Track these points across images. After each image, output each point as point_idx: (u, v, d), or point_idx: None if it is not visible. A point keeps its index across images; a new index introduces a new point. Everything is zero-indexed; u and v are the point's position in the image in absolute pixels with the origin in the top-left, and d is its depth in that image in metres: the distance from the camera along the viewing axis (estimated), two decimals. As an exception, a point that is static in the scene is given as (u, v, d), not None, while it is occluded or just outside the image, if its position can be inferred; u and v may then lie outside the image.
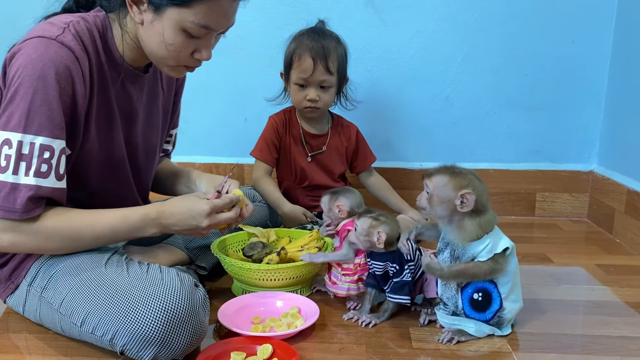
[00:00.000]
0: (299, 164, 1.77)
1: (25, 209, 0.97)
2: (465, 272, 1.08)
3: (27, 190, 0.96)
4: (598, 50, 1.95)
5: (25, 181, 0.96)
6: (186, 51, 1.07)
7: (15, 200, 0.96)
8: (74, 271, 1.05)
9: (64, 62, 0.99)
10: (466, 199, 1.05)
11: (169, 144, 1.44)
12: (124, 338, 0.95)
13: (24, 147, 0.96)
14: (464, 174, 1.08)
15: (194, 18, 1.02)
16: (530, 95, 2.00)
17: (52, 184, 0.99)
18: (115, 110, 1.13)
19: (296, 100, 1.71)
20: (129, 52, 1.12)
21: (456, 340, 1.11)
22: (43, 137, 0.97)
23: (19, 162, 0.96)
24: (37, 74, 0.97)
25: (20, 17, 1.16)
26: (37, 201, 0.98)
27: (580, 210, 2.06)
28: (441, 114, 2.03)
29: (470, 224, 1.07)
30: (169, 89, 1.31)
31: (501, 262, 1.08)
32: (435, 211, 1.08)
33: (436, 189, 1.07)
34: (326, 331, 1.16)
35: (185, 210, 1.08)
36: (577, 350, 1.09)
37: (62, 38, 1.00)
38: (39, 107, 0.97)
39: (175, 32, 1.04)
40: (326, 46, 1.65)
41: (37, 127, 0.97)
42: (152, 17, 1.04)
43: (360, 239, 1.17)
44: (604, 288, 1.41)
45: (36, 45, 0.98)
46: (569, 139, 2.03)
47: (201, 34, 1.05)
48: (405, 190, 2.01)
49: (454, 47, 1.98)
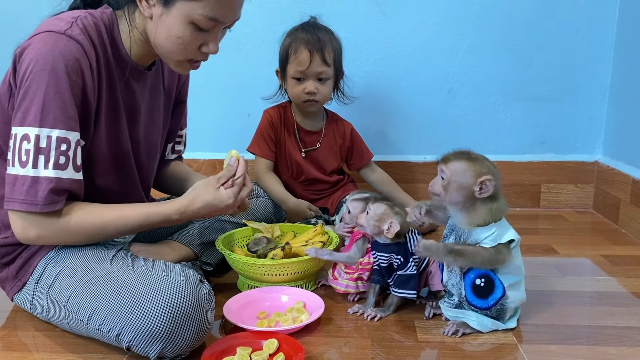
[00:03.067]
0: (294, 158, 1.77)
1: (47, 202, 0.98)
2: (463, 253, 1.06)
3: (48, 183, 0.98)
4: (602, 40, 1.93)
5: (45, 174, 0.98)
6: (194, 44, 1.09)
7: (37, 193, 0.98)
8: (80, 268, 1.05)
9: (73, 55, 1.00)
10: (485, 186, 1.04)
11: (180, 145, 1.45)
12: (130, 334, 0.95)
13: (41, 141, 0.98)
14: (481, 160, 1.07)
15: (203, 10, 1.03)
16: (534, 86, 1.99)
17: (71, 175, 1.01)
18: (121, 105, 1.14)
19: (294, 94, 1.70)
20: (136, 49, 1.13)
21: (461, 332, 1.11)
22: (59, 129, 0.99)
23: (38, 155, 0.98)
24: (48, 67, 0.98)
25: (27, 17, 1.16)
26: (58, 193, 1.00)
27: (586, 201, 2.05)
28: (444, 106, 2.03)
29: (482, 208, 1.06)
30: (169, 89, 1.31)
31: (504, 252, 1.07)
32: (451, 197, 1.07)
33: (455, 174, 1.05)
34: (331, 325, 1.16)
35: (205, 205, 1.13)
36: (583, 342, 1.09)
37: (71, 32, 1.01)
38: (53, 100, 0.98)
39: (184, 26, 1.05)
40: (321, 38, 1.65)
41: (53, 120, 0.98)
42: (162, 11, 1.05)
43: (370, 222, 1.17)
44: (610, 279, 1.40)
45: (45, 40, 0.99)
46: (574, 130, 2.02)
47: (209, 26, 1.07)
48: (409, 183, 2.00)
49: (457, 39, 1.97)
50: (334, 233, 1.41)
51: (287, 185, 1.77)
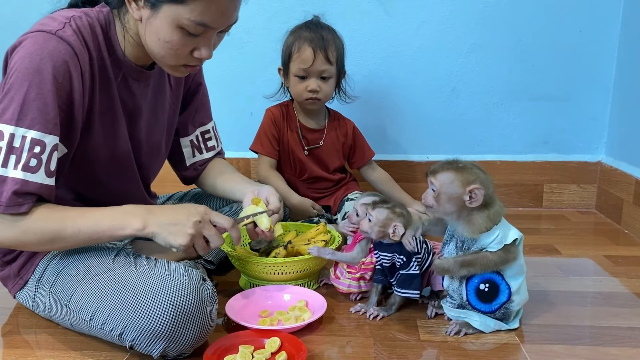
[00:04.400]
0: (296, 156, 1.77)
1: (10, 203, 0.95)
2: (474, 263, 1.07)
3: (14, 184, 0.95)
4: (605, 39, 1.93)
5: (12, 174, 0.95)
6: (184, 49, 1.04)
7: (1, 193, 0.95)
8: (82, 267, 1.05)
9: (62, 56, 0.98)
10: (475, 194, 1.04)
11: (211, 141, 1.41)
12: (133, 333, 0.95)
13: (15, 140, 0.95)
14: (468, 168, 1.06)
15: (190, 15, 0.98)
16: (538, 85, 1.98)
17: (41, 179, 0.97)
18: (118, 106, 1.13)
19: (297, 92, 1.70)
20: (132, 50, 1.11)
21: (464, 332, 1.10)
22: (35, 131, 0.95)
23: (9, 155, 0.95)
24: (33, 67, 0.96)
25: (27, 12, 1.16)
26: (23, 196, 0.96)
27: (588, 201, 2.05)
28: (447, 106, 2.02)
29: (479, 217, 1.06)
30: (177, 85, 1.29)
31: (513, 251, 1.07)
32: (444, 208, 1.07)
33: (443, 186, 1.06)
34: (334, 324, 1.16)
35: (178, 207, 1.05)
36: (586, 342, 1.09)
37: (62, 33, 0.99)
38: (34, 101, 0.96)
39: (171, 30, 1.01)
40: (325, 36, 1.65)
41: (30, 121, 0.95)
42: (149, 14, 1.01)
43: (374, 229, 1.16)
44: (613, 279, 1.40)
45: (35, 39, 0.98)
46: (577, 130, 2.01)
47: (199, 32, 1.01)
48: (412, 183, 2.01)
49: (460, 38, 1.97)
50: (336, 232, 1.41)
51: (290, 183, 1.77)
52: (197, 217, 1.02)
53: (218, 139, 1.45)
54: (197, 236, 1.02)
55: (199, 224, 1.01)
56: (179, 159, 1.40)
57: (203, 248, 1.04)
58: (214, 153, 1.43)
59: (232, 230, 1.08)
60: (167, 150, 1.35)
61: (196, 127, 1.39)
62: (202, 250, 1.04)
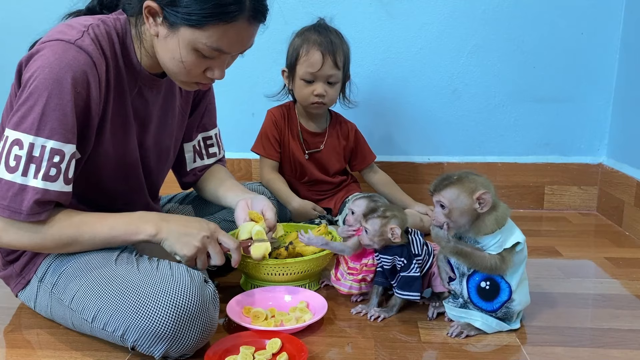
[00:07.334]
0: (297, 159, 1.77)
1: (31, 212, 0.97)
2: (469, 255, 1.08)
3: (34, 193, 0.96)
4: (607, 41, 1.93)
5: (33, 184, 0.96)
6: (198, 69, 1.07)
7: (22, 202, 0.96)
8: (84, 268, 1.06)
9: (81, 66, 0.99)
10: (483, 199, 1.05)
11: (213, 147, 1.42)
12: (135, 334, 0.96)
13: (34, 150, 0.96)
14: (468, 177, 1.08)
15: (207, 40, 1.01)
16: (539, 87, 1.98)
17: (60, 187, 0.99)
18: (130, 115, 1.13)
19: (302, 96, 1.69)
20: (146, 59, 1.12)
21: (465, 334, 1.11)
22: (54, 141, 0.97)
23: (29, 164, 0.96)
24: (53, 77, 0.96)
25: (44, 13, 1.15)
26: (43, 205, 0.98)
27: (590, 203, 2.05)
28: (449, 107, 2.02)
29: (488, 219, 1.07)
30: (187, 90, 1.29)
31: (507, 260, 1.08)
32: (458, 222, 1.08)
33: (452, 202, 1.06)
34: (334, 325, 1.16)
35: (191, 219, 1.10)
36: (587, 344, 1.09)
37: (81, 42, 1.00)
38: (53, 111, 0.96)
39: (187, 51, 1.03)
40: (333, 41, 1.64)
41: (50, 131, 0.97)
42: (167, 33, 1.03)
43: (375, 240, 1.17)
44: (614, 281, 1.40)
45: (54, 49, 0.98)
46: (578, 132, 2.02)
47: (213, 55, 1.04)
48: (413, 184, 2.01)
49: (462, 39, 1.97)
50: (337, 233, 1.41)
51: (290, 185, 1.77)
52: (207, 233, 1.07)
53: (220, 146, 1.46)
54: (202, 251, 1.07)
55: (207, 239, 1.07)
56: (181, 164, 1.41)
57: (203, 263, 1.09)
58: (215, 160, 1.44)
59: (234, 251, 1.12)
60: (175, 154, 1.35)
61: (199, 132, 1.40)
62: (201, 265, 1.09)
